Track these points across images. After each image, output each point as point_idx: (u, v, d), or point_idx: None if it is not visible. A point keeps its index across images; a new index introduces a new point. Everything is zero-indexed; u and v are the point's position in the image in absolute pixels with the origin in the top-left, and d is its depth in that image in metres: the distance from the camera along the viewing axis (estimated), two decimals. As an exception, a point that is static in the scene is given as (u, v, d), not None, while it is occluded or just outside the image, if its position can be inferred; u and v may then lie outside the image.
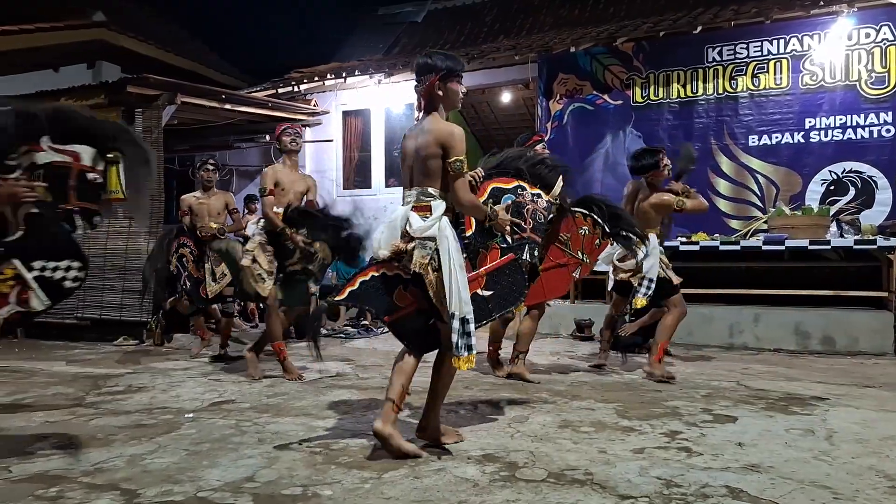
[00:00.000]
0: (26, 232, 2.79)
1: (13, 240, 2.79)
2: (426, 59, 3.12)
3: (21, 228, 2.79)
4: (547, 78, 8.53)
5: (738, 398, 4.24)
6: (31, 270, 2.79)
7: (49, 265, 2.83)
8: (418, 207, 3.05)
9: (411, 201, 3.08)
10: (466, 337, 2.90)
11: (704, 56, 7.75)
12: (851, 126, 7.13)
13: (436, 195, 3.04)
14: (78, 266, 2.90)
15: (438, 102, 3.11)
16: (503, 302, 3.23)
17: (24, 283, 2.79)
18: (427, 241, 2.98)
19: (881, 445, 3.17)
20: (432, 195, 3.04)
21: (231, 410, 4.02)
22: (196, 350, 6.41)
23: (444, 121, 3.09)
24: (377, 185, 9.79)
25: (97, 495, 2.57)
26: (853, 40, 7.17)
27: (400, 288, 3.09)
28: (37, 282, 2.80)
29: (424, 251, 2.97)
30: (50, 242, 2.86)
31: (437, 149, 2.98)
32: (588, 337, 7.06)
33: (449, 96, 3.11)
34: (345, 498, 2.52)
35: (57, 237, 2.89)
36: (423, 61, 3.12)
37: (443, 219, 2.99)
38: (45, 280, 2.82)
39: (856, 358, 6.00)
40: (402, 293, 3.09)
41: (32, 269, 2.80)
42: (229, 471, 2.85)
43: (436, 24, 12.65)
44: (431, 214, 2.99)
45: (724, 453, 3.05)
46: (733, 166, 7.62)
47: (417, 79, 3.14)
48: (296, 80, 10.00)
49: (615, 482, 2.67)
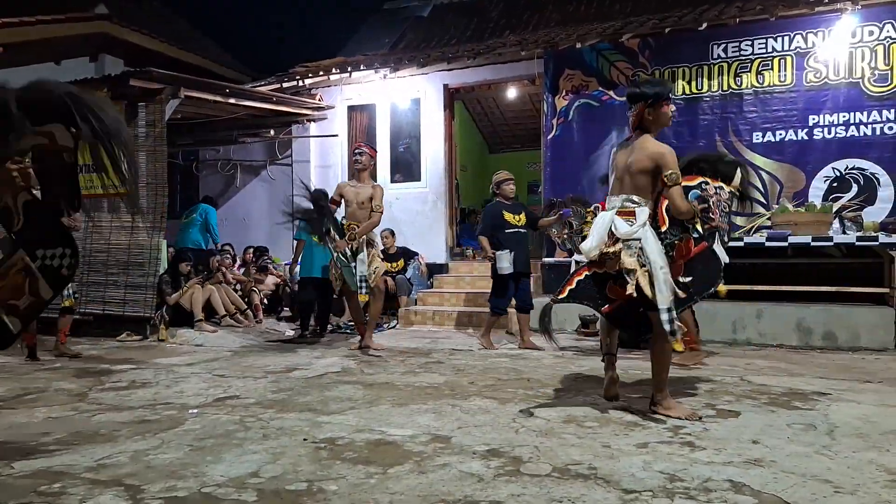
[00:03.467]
0: (26, 221, 2.73)
1: (18, 230, 2.75)
2: (635, 88, 3.58)
3: (21, 217, 2.73)
4: (553, 74, 8.52)
5: (741, 393, 4.25)
6: (34, 260, 2.73)
7: (48, 253, 2.75)
8: (623, 213, 3.48)
9: (616, 206, 3.52)
10: (672, 324, 3.34)
11: (709, 53, 7.73)
12: (855, 123, 7.11)
13: (640, 202, 3.49)
14: (70, 253, 2.79)
15: (649, 125, 3.56)
16: (701, 286, 3.63)
17: (32, 273, 2.73)
18: (632, 242, 3.41)
19: (882, 440, 3.18)
20: (637, 202, 3.49)
21: (235, 406, 4.03)
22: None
23: (656, 141, 3.53)
24: (382, 179, 9.79)
25: (100, 491, 2.58)
26: (857, 38, 7.15)
27: (610, 282, 3.52)
28: (40, 271, 2.73)
29: (630, 251, 3.41)
30: (46, 230, 2.78)
31: (651, 163, 3.44)
32: (593, 332, 7.06)
33: (659, 119, 3.58)
34: (350, 493, 2.53)
35: (49, 224, 2.80)
36: (632, 91, 3.59)
37: (647, 225, 3.44)
38: (47, 268, 2.74)
39: (857, 353, 6.00)
40: (613, 287, 3.52)
41: (36, 259, 2.73)
42: (233, 466, 2.86)
43: (441, 19, 12.62)
44: (635, 219, 3.44)
45: (726, 448, 3.05)
46: (737, 163, 7.60)
47: (629, 105, 3.61)
48: (301, 75, 9.99)
49: (619, 476, 2.68)
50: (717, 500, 2.43)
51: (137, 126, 7.36)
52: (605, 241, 3.47)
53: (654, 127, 3.58)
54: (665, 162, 3.41)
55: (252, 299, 8.37)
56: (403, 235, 9.27)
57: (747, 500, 2.43)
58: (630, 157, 3.53)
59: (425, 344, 6.69)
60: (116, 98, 7.34)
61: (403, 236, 9.26)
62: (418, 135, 9.63)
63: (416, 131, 9.65)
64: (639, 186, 3.50)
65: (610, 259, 3.44)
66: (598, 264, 3.50)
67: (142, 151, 7.30)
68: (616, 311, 3.58)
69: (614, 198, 3.59)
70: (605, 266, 3.48)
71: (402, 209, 9.56)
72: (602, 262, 3.48)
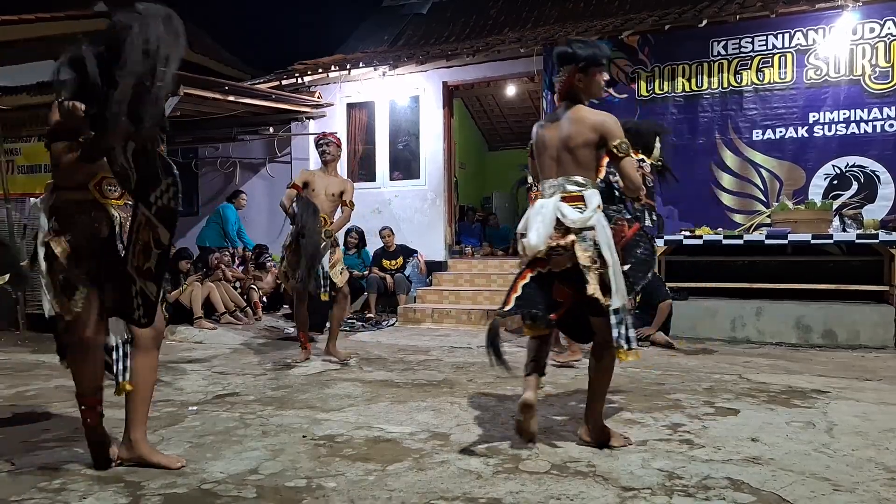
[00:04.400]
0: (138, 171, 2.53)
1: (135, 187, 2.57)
2: (566, 48, 3.02)
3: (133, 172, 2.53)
4: (552, 71, 8.47)
5: (740, 391, 4.25)
6: (150, 208, 2.53)
7: (157, 192, 2.51)
8: (568, 198, 2.94)
9: (557, 191, 2.97)
10: (625, 328, 2.85)
11: (709, 50, 7.72)
12: (855, 121, 7.11)
13: (586, 184, 2.95)
14: (171, 181, 2.49)
15: (580, 93, 3.05)
16: (639, 273, 3.21)
17: (151, 223, 2.54)
18: (586, 232, 2.88)
19: (881, 438, 3.18)
20: (582, 184, 2.94)
21: (235, 403, 4.04)
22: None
23: (592, 109, 3.02)
24: (381, 177, 9.79)
25: (101, 487, 2.58)
26: (858, 35, 7.14)
27: (556, 283, 3.01)
28: (156, 217, 2.53)
29: (585, 243, 2.88)
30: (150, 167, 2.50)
31: (593, 135, 2.92)
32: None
33: (590, 86, 3.05)
34: (349, 490, 2.54)
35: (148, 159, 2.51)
36: (562, 51, 3.03)
37: (599, 210, 2.93)
38: (161, 210, 2.52)
39: (857, 352, 6.00)
40: (560, 288, 3.02)
41: (151, 206, 2.53)
42: (233, 463, 2.87)
43: (441, 16, 12.61)
44: (585, 204, 2.91)
45: (725, 446, 3.06)
46: (737, 160, 7.60)
47: (558, 69, 3.05)
48: (300, 72, 9.97)
49: (618, 474, 2.68)
50: (715, 497, 2.44)
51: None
52: (553, 234, 2.91)
53: (584, 96, 3.06)
54: (610, 130, 2.91)
55: (251, 297, 8.37)
56: (402, 233, 9.27)
57: (746, 497, 2.43)
58: (566, 131, 2.97)
59: (424, 342, 6.69)
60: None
61: (402, 234, 9.26)
62: (417, 132, 9.62)
63: (415, 129, 9.64)
64: (582, 163, 2.95)
65: (559, 255, 2.91)
66: (543, 263, 2.96)
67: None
68: (565, 315, 3.05)
69: (552, 181, 3.01)
70: (551, 264, 2.95)
71: (401, 207, 9.55)
72: (548, 260, 2.94)
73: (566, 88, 3.04)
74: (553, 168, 3.02)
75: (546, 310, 2.98)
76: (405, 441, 3.19)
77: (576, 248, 2.86)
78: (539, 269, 2.96)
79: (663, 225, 7.59)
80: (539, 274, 2.97)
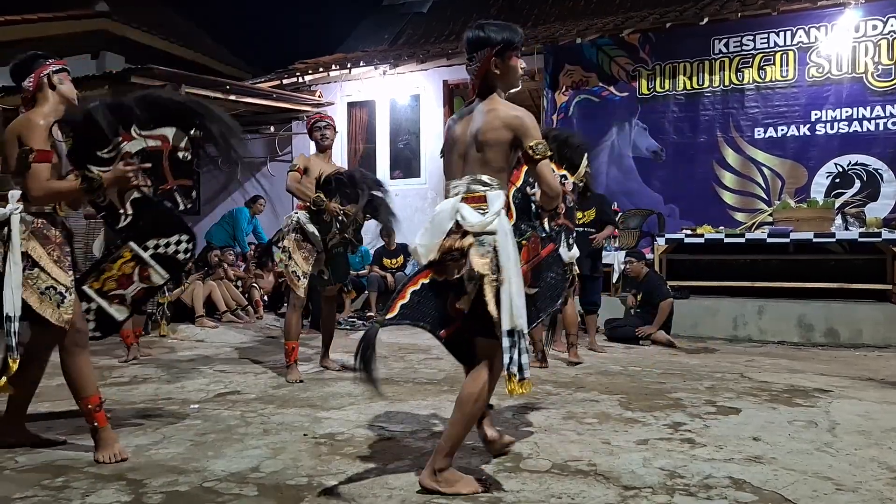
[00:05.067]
0: (135, 215, 3.07)
1: (125, 225, 3.08)
2: (478, 31, 2.61)
3: (129, 214, 3.07)
4: (553, 69, 8.51)
5: (742, 390, 4.24)
6: (146, 250, 3.10)
7: (161, 242, 3.13)
8: (470, 198, 2.54)
9: (461, 192, 2.57)
10: (521, 354, 2.42)
11: (711, 48, 7.71)
12: (857, 119, 7.10)
13: (492, 184, 2.54)
14: (186, 239, 3.18)
15: (495, 82, 2.62)
16: (549, 300, 2.79)
17: (143, 262, 3.10)
18: (486, 236, 2.47)
19: (883, 437, 3.17)
20: (488, 184, 2.54)
21: (236, 401, 4.04)
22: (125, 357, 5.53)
23: (509, 103, 2.61)
24: (382, 176, 9.76)
25: (103, 485, 2.58)
26: (860, 32, 7.13)
27: (452, 295, 2.59)
28: (153, 259, 3.12)
29: (483, 249, 2.46)
30: (158, 222, 3.13)
31: (506, 133, 2.51)
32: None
33: (507, 73, 2.62)
34: (350, 488, 2.53)
35: (162, 216, 3.15)
36: (474, 35, 2.61)
37: (503, 213, 2.52)
38: (160, 256, 3.13)
39: (859, 350, 6.00)
40: (455, 301, 2.58)
41: (147, 249, 3.11)
42: (234, 461, 2.87)
43: (441, 15, 12.61)
44: (487, 206, 2.51)
45: (727, 445, 3.05)
46: (739, 159, 7.60)
47: (469, 56, 2.63)
48: (300, 72, 9.98)
49: (619, 473, 2.68)
50: (717, 496, 2.43)
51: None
52: (449, 237, 2.52)
53: (501, 85, 2.64)
54: (526, 130, 2.50)
55: (252, 295, 8.38)
56: (402, 232, 9.22)
57: (748, 497, 2.43)
58: (475, 126, 2.57)
59: (425, 340, 6.69)
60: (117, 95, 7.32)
61: (402, 233, 9.22)
62: (418, 131, 9.62)
63: (416, 128, 9.64)
64: (489, 164, 2.54)
65: (453, 260, 2.51)
66: (439, 269, 2.56)
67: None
68: (458, 333, 2.66)
69: (457, 181, 2.61)
70: (447, 272, 2.54)
71: (401, 205, 9.45)
72: (443, 266, 2.54)
73: (481, 77, 2.61)
74: (459, 167, 2.63)
75: (435, 324, 2.61)
76: (406, 440, 3.19)
77: (471, 254, 2.46)
78: (434, 277, 2.59)
79: (664, 223, 7.59)
80: (434, 282, 2.59)
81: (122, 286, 3.08)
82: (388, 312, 2.53)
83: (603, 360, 5.43)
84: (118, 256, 3.08)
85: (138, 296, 3.12)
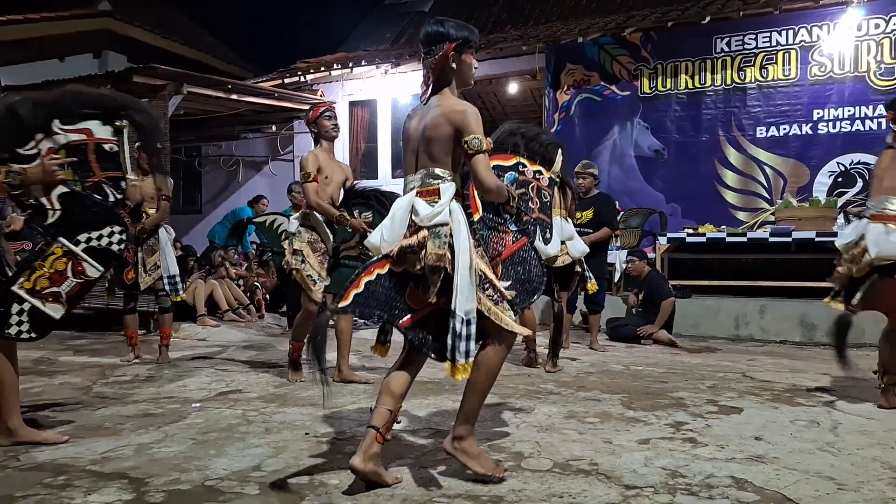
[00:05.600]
0: (63, 211, 3.06)
1: (53, 222, 3.06)
2: (437, 26, 2.66)
3: (57, 209, 3.06)
4: (554, 68, 8.50)
5: (744, 389, 4.24)
6: (77, 244, 3.08)
7: (93, 235, 3.11)
8: (424, 192, 2.60)
9: (415, 186, 2.63)
10: (466, 341, 2.47)
11: (713, 47, 7.70)
12: (860, 117, 7.09)
13: (444, 177, 2.60)
14: (119, 230, 3.17)
15: (451, 77, 2.69)
16: (524, 293, 2.83)
17: (76, 256, 3.08)
18: (439, 228, 2.53)
19: (886, 437, 3.17)
20: (440, 177, 2.60)
21: (238, 400, 4.04)
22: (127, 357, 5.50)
23: (456, 98, 2.69)
24: (384, 175, 9.79)
25: (105, 484, 2.58)
26: (862, 31, 7.11)
27: (411, 286, 2.60)
28: (86, 253, 3.09)
29: (439, 240, 2.51)
30: (87, 215, 3.12)
31: (449, 127, 2.57)
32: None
33: (463, 70, 2.69)
34: (351, 487, 2.53)
35: (92, 209, 3.15)
36: (433, 29, 2.66)
37: (453, 202, 2.58)
38: (93, 249, 3.12)
39: (861, 350, 5.97)
40: (415, 292, 2.60)
41: (79, 243, 3.08)
42: (236, 460, 2.87)
43: (443, 14, 12.53)
44: (441, 198, 2.56)
45: (729, 444, 3.05)
46: (741, 158, 7.59)
47: (426, 49, 2.67)
48: (302, 71, 9.99)
49: (620, 472, 2.67)
50: (719, 496, 2.43)
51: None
52: (403, 232, 2.57)
53: (458, 82, 2.71)
54: (466, 122, 2.54)
55: (254, 294, 8.38)
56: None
57: (750, 496, 2.42)
58: (426, 121, 2.63)
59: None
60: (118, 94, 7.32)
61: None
62: (420, 130, 9.62)
63: (418, 126, 9.64)
64: (438, 156, 2.60)
65: (411, 254, 2.55)
66: (397, 261, 2.59)
67: (144, 147, 7.30)
68: (419, 323, 2.62)
69: (412, 176, 2.67)
70: (406, 264, 2.58)
71: (404, 204, 9.54)
72: (401, 259, 2.58)
73: (437, 72, 2.66)
74: (413, 162, 2.69)
75: (394, 314, 2.58)
76: (407, 438, 3.19)
77: (428, 245, 2.52)
78: (391, 267, 2.60)
79: (666, 222, 7.58)
80: (391, 272, 2.60)
81: (56, 283, 3.03)
82: (342, 301, 2.52)
83: (604, 360, 5.43)
84: (50, 254, 3.04)
85: (73, 292, 3.07)
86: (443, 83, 2.68)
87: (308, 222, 4.54)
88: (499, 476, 2.59)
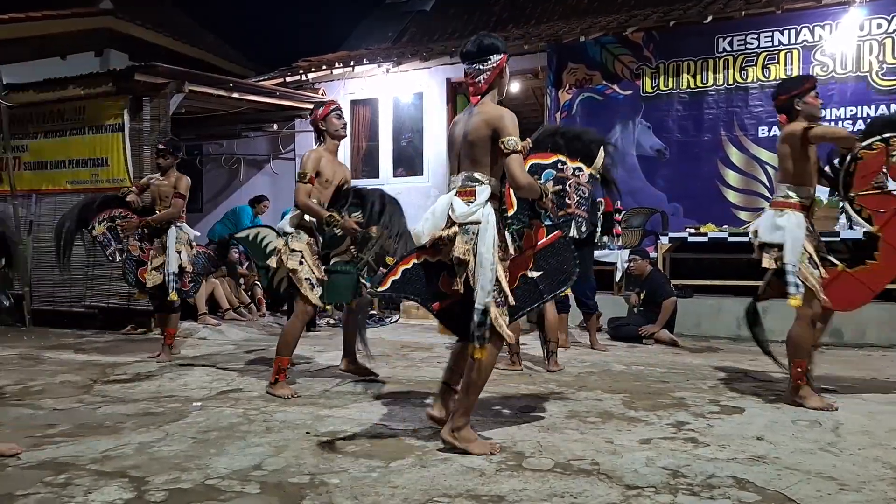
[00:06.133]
0: None
1: None
2: (493, 39, 3.00)
3: None
4: (556, 67, 8.49)
5: (746, 389, 4.23)
6: None
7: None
8: (463, 192, 2.94)
9: (456, 186, 2.98)
10: (482, 328, 2.81)
11: (715, 46, 7.69)
12: (862, 117, 7.06)
13: (482, 180, 2.93)
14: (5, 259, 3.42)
15: (495, 86, 3.04)
16: (553, 283, 3.10)
17: None
18: (470, 226, 2.87)
19: (888, 437, 3.16)
20: (478, 180, 2.93)
21: (239, 399, 4.04)
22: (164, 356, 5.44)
23: (494, 104, 3.01)
24: (385, 174, 9.78)
25: (105, 482, 2.59)
26: (865, 31, 7.10)
27: (444, 274, 2.98)
28: None
29: (467, 236, 2.87)
30: None
31: (487, 131, 2.89)
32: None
33: (505, 80, 3.07)
34: (352, 486, 2.53)
35: None
36: (490, 42, 2.98)
37: (487, 205, 2.88)
38: None
39: (863, 350, 5.98)
40: (446, 279, 2.98)
41: None
42: (237, 459, 2.87)
43: (444, 13, 12.59)
44: (476, 199, 2.89)
45: (730, 444, 3.04)
46: (743, 157, 7.57)
47: (481, 59, 2.98)
48: (304, 69, 9.98)
49: (622, 472, 2.67)
50: (720, 496, 2.42)
51: (142, 121, 7.34)
52: (441, 226, 2.93)
53: (499, 89, 3.07)
54: (503, 125, 2.85)
55: (255, 293, 8.38)
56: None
57: (751, 496, 2.42)
58: (467, 126, 2.97)
59: (427, 338, 6.68)
60: (121, 93, 7.32)
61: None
62: (421, 129, 9.61)
63: (419, 125, 9.63)
64: (476, 160, 2.94)
65: (444, 245, 2.92)
66: (431, 251, 2.98)
67: (146, 146, 7.29)
68: (449, 309, 3.02)
69: (454, 177, 3.03)
70: (441, 254, 2.96)
71: (404, 203, 9.34)
72: (436, 250, 2.96)
73: (492, 79, 3.02)
74: (456, 164, 3.05)
75: (427, 298, 3.00)
76: (408, 438, 3.19)
77: (456, 240, 2.88)
78: (427, 258, 2.99)
79: (668, 222, 7.58)
80: (426, 262, 2.99)
81: None
82: (381, 286, 2.95)
83: (606, 360, 5.43)
84: None
85: None
86: (487, 90, 3.03)
87: (305, 223, 4.34)
88: (494, 453, 2.89)
